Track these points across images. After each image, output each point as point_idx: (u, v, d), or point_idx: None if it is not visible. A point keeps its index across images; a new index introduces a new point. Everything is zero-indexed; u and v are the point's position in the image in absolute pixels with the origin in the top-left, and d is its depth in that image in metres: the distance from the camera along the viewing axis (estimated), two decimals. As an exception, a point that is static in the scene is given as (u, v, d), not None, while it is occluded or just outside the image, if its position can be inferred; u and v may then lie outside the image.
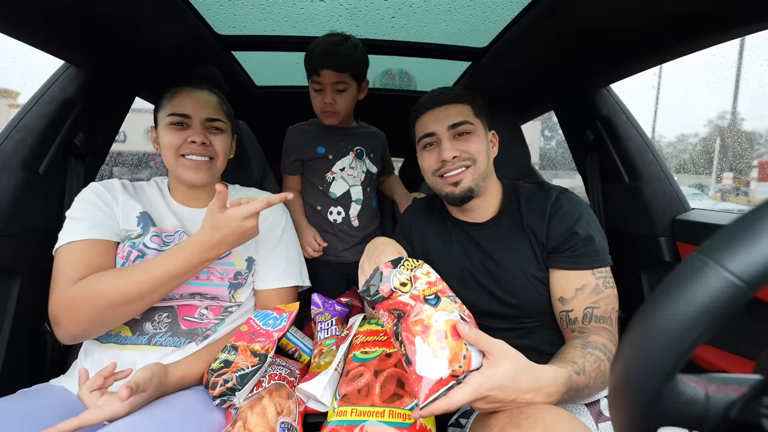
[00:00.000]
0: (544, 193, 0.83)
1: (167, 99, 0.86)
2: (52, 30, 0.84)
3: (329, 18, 1.10)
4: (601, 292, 0.74)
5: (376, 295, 0.60)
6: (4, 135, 0.90)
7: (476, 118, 0.84)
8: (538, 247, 0.80)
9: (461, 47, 1.22)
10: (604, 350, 0.65)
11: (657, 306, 0.27)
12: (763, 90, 18.86)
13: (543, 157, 14.60)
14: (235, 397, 0.69)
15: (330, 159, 1.21)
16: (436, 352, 0.53)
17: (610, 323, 0.73)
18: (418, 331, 0.56)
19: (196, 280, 0.80)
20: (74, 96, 0.98)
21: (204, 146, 0.85)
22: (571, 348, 0.65)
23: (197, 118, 0.85)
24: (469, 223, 0.88)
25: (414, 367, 0.54)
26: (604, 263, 0.76)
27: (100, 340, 0.77)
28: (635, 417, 0.28)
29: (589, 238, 0.76)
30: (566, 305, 0.76)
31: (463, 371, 0.54)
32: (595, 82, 1.17)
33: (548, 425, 0.50)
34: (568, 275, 0.77)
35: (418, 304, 0.58)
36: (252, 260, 0.89)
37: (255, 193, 1.00)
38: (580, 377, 0.59)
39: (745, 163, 9.26)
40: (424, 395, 0.52)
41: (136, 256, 0.78)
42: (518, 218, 0.83)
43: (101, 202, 0.82)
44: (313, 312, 1.01)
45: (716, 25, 0.78)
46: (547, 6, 0.84)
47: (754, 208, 0.26)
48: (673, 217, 1.08)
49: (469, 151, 0.82)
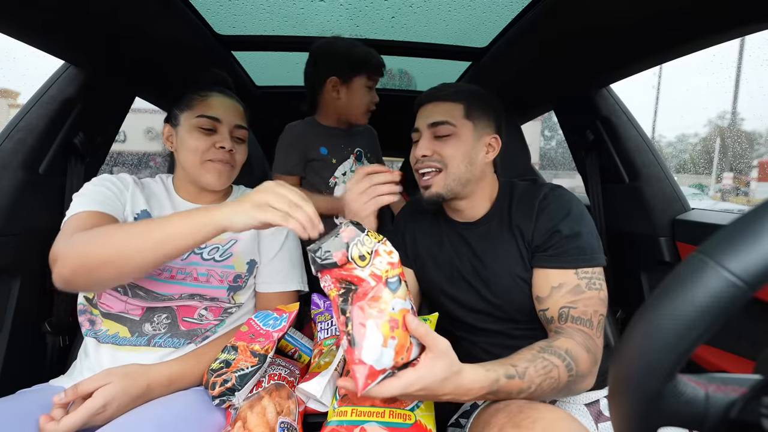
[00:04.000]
0: (534, 191, 0.80)
1: (197, 101, 0.84)
2: (52, 30, 0.84)
3: (329, 18, 1.10)
4: (581, 292, 0.70)
5: (327, 260, 0.53)
6: (4, 135, 0.90)
7: (466, 119, 0.79)
8: (524, 247, 0.78)
9: (461, 47, 1.22)
10: (564, 356, 0.62)
11: (657, 306, 0.27)
12: (763, 90, 18.84)
13: (543, 157, 14.60)
14: (234, 397, 0.69)
15: (333, 163, 1.19)
16: (387, 341, 0.51)
17: (590, 326, 0.68)
18: (373, 314, 0.52)
19: (195, 281, 0.80)
20: (74, 96, 0.98)
21: (230, 153, 0.85)
22: (526, 350, 0.63)
23: (227, 124, 0.84)
24: (460, 222, 0.87)
25: (359, 351, 0.50)
26: (590, 263, 0.72)
27: (99, 339, 0.77)
28: (635, 417, 0.28)
29: (573, 236, 0.72)
30: (542, 304, 0.73)
31: (402, 363, 0.53)
32: (595, 82, 1.17)
33: (547, 426, 0.51)
34: (547, 273, 0.73)
35: (380, 285, 0.53)
36: (254, 263, 0.89)
37: None
38: (514, 381, 0.57)
39: (745, 163, 9.25)
40: (364, 383, 0.50)
41: None
42: (507, 219, 0.81)
43: (113, 186, 0.81)
44: (313, 312, 1.00)
45: (716, 25, 0.78)
46: (547, 6, 0.84)
47: (755, 208, 0.26)
48: (673, 217, 1.08)
49: (442, 153, 0.78)
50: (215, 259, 0.84)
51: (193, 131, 0.82)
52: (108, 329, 0.78)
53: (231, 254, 0.85)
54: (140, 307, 0.79)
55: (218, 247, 0.85)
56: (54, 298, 0.95)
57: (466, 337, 0.87)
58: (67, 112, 0.97)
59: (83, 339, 0.81)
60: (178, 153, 0.86)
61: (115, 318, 0.79)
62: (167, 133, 0.87)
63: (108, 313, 0.79)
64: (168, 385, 0.71)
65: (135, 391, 0.66)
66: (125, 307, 0.79)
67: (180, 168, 0.88)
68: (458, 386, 0.54)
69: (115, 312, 0.79)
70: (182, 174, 0.88)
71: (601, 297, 0.71)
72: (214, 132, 0.83)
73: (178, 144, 0.85)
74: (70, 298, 0.97)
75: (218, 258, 0.84)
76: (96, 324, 0.79)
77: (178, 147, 0.85)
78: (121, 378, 0.65)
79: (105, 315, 0.79)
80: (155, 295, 0.78)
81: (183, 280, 0.80)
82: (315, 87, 1.16)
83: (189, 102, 0.84)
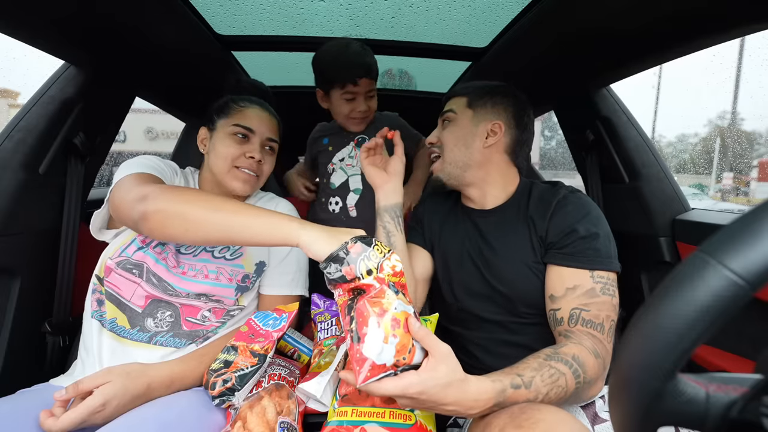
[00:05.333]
0: (555, 191, 0.82)
1: (235, 109, 0.88)
2: (52, 30, 0.84)
3: (329, 18, 1.10)
4: (595, 296, 0.70)
5: (337, 275, 0.56)
6: (4, 135, 0.90)
7: (467, 108, 0.85)
8: (536, 240, 0.79)
9: (461, 47, 1.22)
10: (571, 363, 0.61)
11: (658, 305, 0.27)
12: (763, 90, 18.85)
13: (543, 157, 14.61)
14: (234, 397, 0.69)
15: (330, 150, 1.23)
16: (388, 338, 0.53)
17: (601, 330, 0.68)
18: (375, 312, 0.54)
19: (206, 279, 0.81)
20: (74, 96, 0.98)
21: (258, 163, 0.87)
22: (532, 358, 0.62)
23: (260, 136, 0.88)
24: (475, 210, 0.89)
25: (361, 346, 0.52)
26: (606, 267, 0.72)
27: (102, 324, 0.77)
28: (635, 416, 0.28)
29: (590, 237, 0.73)
30: (555, 303, 0.73)
31: (404, 363, 0.54)
32: (595, 82, 1.17)
33: (549, 427, 0.50)
34: (562, 272, 0.73)
35: (383, 286, 0.56)
36: (263, 264, 0.89)
37: (270, 199, 1.01)
38: (520, 391, 0.57)
39: (745, 163, 9.25)
40: (364, 377, 0.52)
41: (158, 242, 0.80)
42: (523, 210, 0.82)
43: (166, 168, 0.85)
44: (313, 312, 1.00)
45: (716, 25, 0.78)
46: (547, 6, 0.85)
47: (756, 207, 0.26)
48: (673, 217, 1.08)
49: (441, 139, 0.86)
50: (225, 258, 0.84)
51: (226, 138, 0.86)
52: (107, 312, 0.78)
53: (241, 254, 0.86)
54: (145, 297, 0.79)
55: (229, 246, 0.85)
56: (54, 298, 0.95)
57: (464, 334, 0.87)
58: (67, 112, 0.97)
59: (82, 338, 0.81)
60: (209, 156, 0.89)
61: (116, 302, 0.79)
62: (203, 135, 0.92)
63: (111, 294, 0.79)
64: (169, 386, 0.71)
65: (135, 391, 0.66)
66: (134, 292, 0.79)
67: (207, 171, 0.90)
68: (463, 396, 0.54)
69: (119, 296, 0.79)
70: (209, 177, 0.91)
71: (614, 303, 0.71)
72: (247, 141, 0.87)
73: (211, 148, 0.88)
74: (71, 298, 0.97)
75: (228, 256, 0.85)
76: (102, 305, 0.79)
77: (210, 151, 0.88)
78: (121, 377, 0.65)
79: (108, 296, 0.79)
80: (166, 285, 0.79)
81: (194, 277, 0.81)
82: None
83: (228, 110, 0.88)
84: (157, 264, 0.79)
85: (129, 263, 0.79)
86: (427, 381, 0.52)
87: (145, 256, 0.80)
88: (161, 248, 0.81)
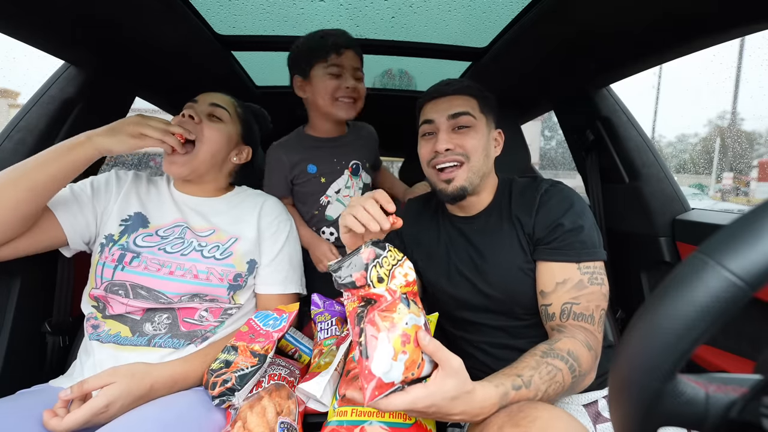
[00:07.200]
0: (536, 186, 0.81)
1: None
2: (53, 30, 0.84)
3: (329, 18, 1.10)
4: (584, 287, 0.71)
5: (347, 280, 0.55)
6: (4, 135, 0.90)
7: (481, 113, 0.81)
8: (525, 239, 0.78)
9: (461, 47, 1.22)
10: (567, 358, 0.62)
11: (657, 306, 0.27)
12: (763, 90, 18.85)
13: (543, 157, 14.61)
14: (234, 398, 0.69)
15: (323, 182, 1.11)
16: (397, 356, 0.51)
17: (591, 322, 0.69)
18: (386, 327, 0.52)
19: (195, 279, 0.81)
20: (74, 96, 0.98)
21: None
22: (528, 356, 0.63)
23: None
24: (458, 216, 0.87)
25: (370, 363, 0.51)
26: (593, 257, 0.72)
27: (101, 341, 0.77)
28: (635, 416, 0.28)
29: (576, 230, 0.73)
30: (546, 299, 0.74)
31: (413, 378, 0.53)
32: (595, 82, 1.17)
33: (545, 424, 0.51)
34: (552, 268, 0.74)
35: (395, 299, 0.55)
36: (254, 263, 0.89)
37: (258, 194, 1.01)
38: (521, 391, 0.57)
39: (745, 163, 9.25)
40: (371, 394, 0.50)
41: (132, 257, 0.79)
42: (507, 211, 0.81)
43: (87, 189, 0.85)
44: (313, 312, 1.00)
45: (716, 25, 0.78)
46: (547, 6, 0.84)
47: (755, 208, 0.26)
48: (673, 217, 1.08)
49: (465, 146, 0.78)
50: (215, 257, 0.84)
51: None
52: (110, 329, 0.78)
53: (231, 253, 0.86)
54: (141, 309, 0.79)
55: (218, 246, 0.85)
56: (54, 298, 0.95)
57: (465, 337, 0.87)
58: (67, 112, 0.97)
59: (83, 339, 0.81)
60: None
61: (118, 318, 0.79)
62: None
63: (110, 314, 0.79)
64: (171, 386, 0.71)
65: (138, 392, 0.66)
66: (125, 309, 0.79)
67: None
68: (470, 406, 0.54)
69: (117, 312, 0.79)
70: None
71: (603, 292, 0.72)
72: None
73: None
74: (71, 298, 0.97)
75: (218, 256, 0.84)
76: (99, 327, 0.79)
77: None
78: (126, 378, 0.65)
79: (107, 316, 0.79)
80: (157, 294, 0.78)
81: (182, 277, 0.80)
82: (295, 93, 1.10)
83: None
84: (139, 276, 0.78)
85: (113, 286, 0.78)
86: (435, 394, 0.52)
87: (124, 274, 0.78)
88: (137, 261, 0.79)
